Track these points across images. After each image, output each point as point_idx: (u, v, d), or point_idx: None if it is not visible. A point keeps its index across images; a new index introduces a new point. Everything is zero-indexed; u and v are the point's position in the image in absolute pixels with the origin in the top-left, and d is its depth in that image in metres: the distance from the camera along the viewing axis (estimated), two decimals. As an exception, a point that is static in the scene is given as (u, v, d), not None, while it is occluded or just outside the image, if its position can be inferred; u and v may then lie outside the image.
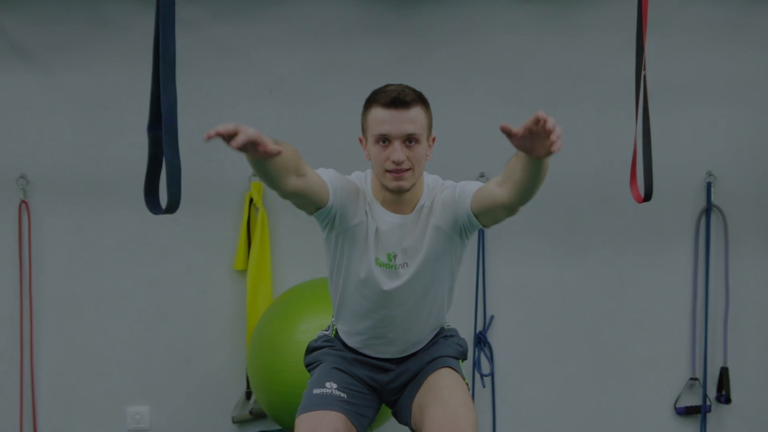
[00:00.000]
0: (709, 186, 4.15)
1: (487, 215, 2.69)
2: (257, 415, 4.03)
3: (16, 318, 4.07)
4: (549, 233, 4.17)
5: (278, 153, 2.36)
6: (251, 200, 4.03)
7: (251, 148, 2.33)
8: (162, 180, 3.17)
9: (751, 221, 4.21)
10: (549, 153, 2.34)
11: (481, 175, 4.01)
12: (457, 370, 2.93)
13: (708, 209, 4.16)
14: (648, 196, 3.24)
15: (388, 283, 2.83)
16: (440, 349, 2.99)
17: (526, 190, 2.52)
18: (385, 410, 3.40)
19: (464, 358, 3.07)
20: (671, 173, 4.00)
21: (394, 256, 2.83)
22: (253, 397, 4.00)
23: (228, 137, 2.24)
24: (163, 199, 3.14)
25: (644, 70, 3.27)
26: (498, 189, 2.61)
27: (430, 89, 3.87)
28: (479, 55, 4.09)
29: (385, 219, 2.83)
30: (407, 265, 2.83)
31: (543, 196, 3.60)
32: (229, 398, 4.14)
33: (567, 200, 4.13)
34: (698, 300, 4.23)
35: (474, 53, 4.09)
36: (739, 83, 4.14)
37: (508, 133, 2.31)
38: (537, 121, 2.24)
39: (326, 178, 2.74)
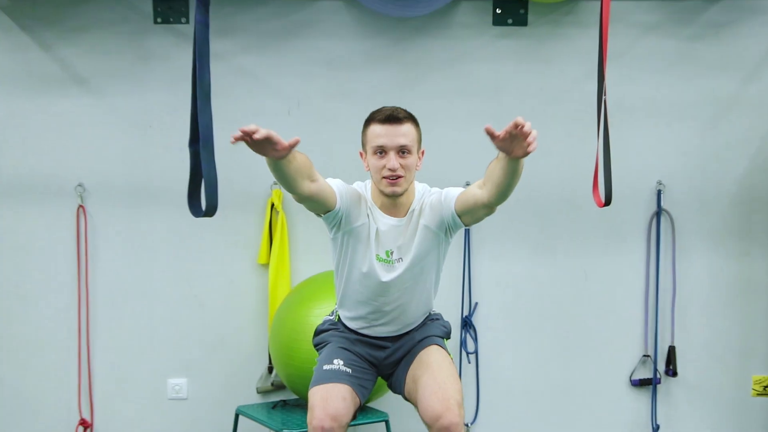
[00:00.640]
0: (659, 193, 4.18)
1: (469, 214, 2.80)
2: (278, 387, 4.07)
3: (74, 305, 4.12)
4: (524, 233, 4.19)
5: (294, 143, 2.47)
6: (272, 205, 4.06)
7: (270, 147, 2.46)
8: (200, 188, 3.27)
9: (694, 223, 4.23)
10: (526, 153, 2.46)
11: (467, 184, 3.92)
12: (443, 347, 3.04)
13: (658, 213, 4.19)
14: (608, 201, 3.33)
15: (386, 275, 2.92)
16: (428, 330, 3.09)
17: (504, 189, 2.63)
18: (380, 387, 3.56)
19: (448, 337, 3.18)
20: (627, 181, 4.00)
21: (391, 253, 2.92)
22: (274, 371, 4.04)
23: (250, 134, 2.37)
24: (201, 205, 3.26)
25: (605, 94, 3.35)
26: (479, 191, 2.72)
27: (423, 110, 3.85)
28: (465, 82, 4.13)
29: (384, 221, 2.92)
30: (402, 260, 2.91)
31: (518, 201, 3.79)
32: (254, 372, 4.18)
33: (539, 205, 4.18)
34: (650, 289, 4.24)
35: (460, 80, 4.13)
36: (684, 105, 4.17)
37: (491, 135, 2.45)
38: (516, 126, 2.37)
39: (334, 185, 2.84)
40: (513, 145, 2.46)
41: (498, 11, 4.09)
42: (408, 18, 4.04)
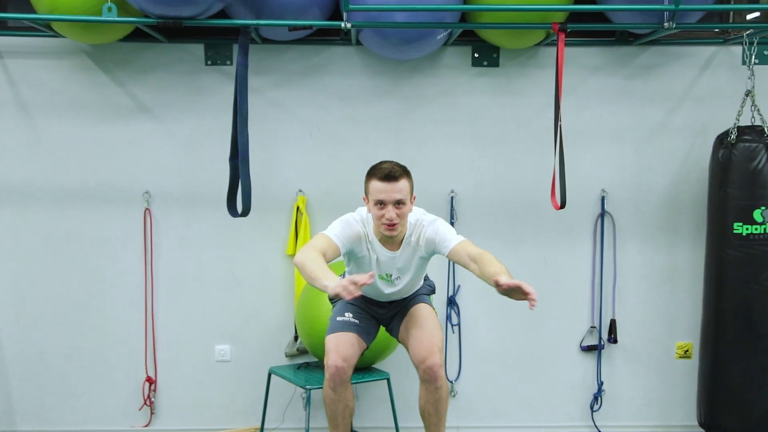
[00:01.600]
0: (603, 198, 4.21)
1: (453, 260, 2.93)
2: (301, 351, 4.15)
3: (142, 286, 4.17)
4: (497, 229, 4.21)
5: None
6: (297, 208, 4.10)
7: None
8: (236, 194, 3.60)
9: (630, 223, 4.25)
10: (523, 301, 2.52)
11: (452, 191, 4.12)
12: (429, 303, 3.20)
13: (602, 214, 4.21)
14: (563, 205, 3.56)
15: (387, 289, 3.12)
16: (418, 290, 3.25)
17: (486, 279, 2.69)
18: (382, 351, 3.75)
19: (434, 293, 3.33)
20: (578, 190, 4.08)
21: (391, 275, 3.08)
22: (299, 340, 4.10)
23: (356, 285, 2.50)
24: (237, 207, 3.60)
25: (560, 120, 3.55)
26: (472, 264, 2.77)
27: (416, 133, 4.11)
28: (449, 111, 4.14)
29: (383, 253, 3.03)
30: (400, 278, 3.09)
31: (493, 205, 4.17)
32: (283, 340, 4.22)
33: (509, 207, 4.21)
34: (596, 273, 4.25)
35: (446, 109, 4.14)
36: (622, 129, 4.19)
37: (497, 284, 2.55)
38: (525, 293, 2.47)
39: (335, 239, 2.89)
40: (512, 293, 2.54)
41: (476, 55, 4.11)
42: (404, 60, 4.06)
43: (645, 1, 3.58)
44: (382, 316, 3.24)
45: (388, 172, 2.90)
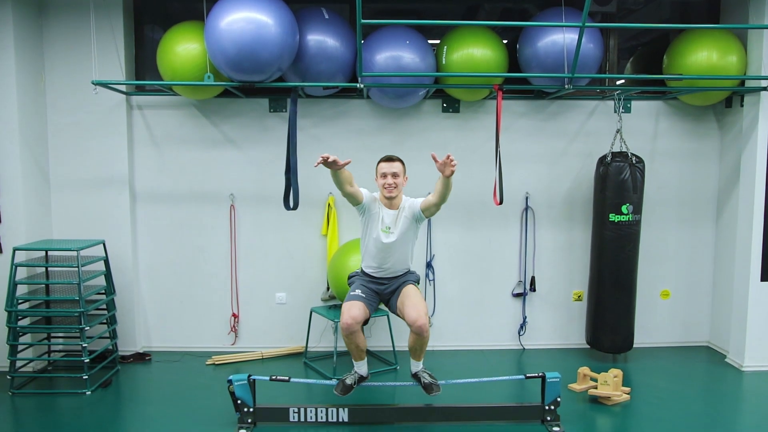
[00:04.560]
0: (527, 198, 4.48)
1: (426, 210, 3.10)
2: (331, 297, 4.39)
3: (228, 255, 4.44)
4: (458, 218, 4.44)
5: (346, 162, 2.80)
6: (329, 204, 4.33)
7: (333, 164, 2.78)
8: (289, 195, 3.82)
9: (544, 213, 4.51)
10: (451, 173, 2.80)
11: (429, 193, 3.29)
12: (416, 286, 3.26)
13: (526, 208, 4.50)
14: (501, 202, 3.82)
15: (386, 239, 3.14)
16: (407, 277, 3.31)
17: (443, 195, 2.93)
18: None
19: (418, 282, 3.37)
20: (511, 192, 4.35)
21: (389, 228, 3.14)
22: (330, 289, 4.33)
23: (326, 158, 2.76)
24: (290, 204, 3.84)
25: (499, 148, 3.83)
26: (431, 197, 3.03)
27: (407, 156, 3.90)
28: (428, 142, 4.37)
29: (387, 212, 3.17)
30: (394, 232, 3.14)
31: (455, 204, 4.32)
32: (320, 289, 4.48)
33: (466, 204, 4.44)
34: (522, 247, 4.52)
35: (425, 141, 4.38)
36: (539, 154, 4.46)
37: (434, 159, 2.82)
38: (447, 157, 2.80)
39: (363, 191, 3.12)
40: (444, 168, 2.80)
41: (444, 105, 4.40)
42: (398, 108, 4.31)
43: (552, 71, 3.91)
44: (382, 292, 3.26)
45: (388, 156, 3.21)
